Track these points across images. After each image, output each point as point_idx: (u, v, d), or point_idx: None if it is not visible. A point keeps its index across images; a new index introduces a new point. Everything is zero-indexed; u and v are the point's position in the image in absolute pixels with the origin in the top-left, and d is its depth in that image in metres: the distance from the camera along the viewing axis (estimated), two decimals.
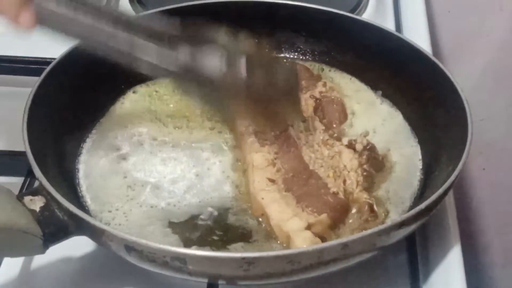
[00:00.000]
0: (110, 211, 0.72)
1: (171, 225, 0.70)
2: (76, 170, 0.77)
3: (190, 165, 0.77)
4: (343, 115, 0.83)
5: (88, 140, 0.81)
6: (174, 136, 0.81)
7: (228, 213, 0.71)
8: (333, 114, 0.82)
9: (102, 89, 0.84)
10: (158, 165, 0.77)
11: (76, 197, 0.73)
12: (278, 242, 0.68)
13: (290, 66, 0.85)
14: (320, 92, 0.84)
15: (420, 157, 0.78)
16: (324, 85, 0.85)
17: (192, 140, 0.81)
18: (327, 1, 0.92)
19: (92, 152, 0.79)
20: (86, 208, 0.72)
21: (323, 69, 0.92)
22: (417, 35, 1.03)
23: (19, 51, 0.95)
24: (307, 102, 0.83)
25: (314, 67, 0.92)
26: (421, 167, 0.77)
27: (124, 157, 0.78)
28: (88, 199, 0.73)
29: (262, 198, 0.70)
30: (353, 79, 0.90)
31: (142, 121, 0.83)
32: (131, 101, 0.87)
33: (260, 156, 0.75)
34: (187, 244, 0.68)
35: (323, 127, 0.79)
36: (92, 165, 0.78)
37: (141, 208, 0.72)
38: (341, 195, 0.69)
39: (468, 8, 1.28)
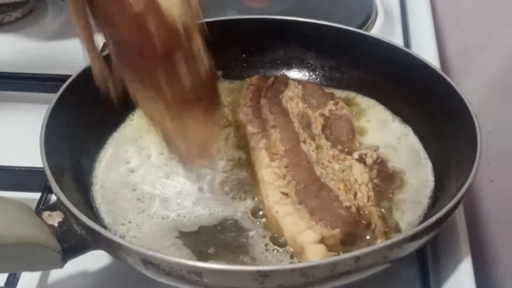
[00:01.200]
0: (123, 224, 0.73)
1: (183, 235, 0.71)
2: (91, 184, 0.78)
3: (192, 179, 0.78)
4: (351, 132, 0.83)
5: (101, 155, 0.82)
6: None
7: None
8: (341, 131, 0.83)
9: (115, 104, 0.85)
10: (164, 178, 0.79)
11: (91, 211, 0.74)
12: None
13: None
14: (330, 110, 0.85)
15: (430, 171, 0.79)
16: (336, 104, 0.87)
17: None
18: (336, 18, 0.94)
19: (105, 166, 0.81)
20: (102, 221, 0.73)
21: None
22: (425, 49, 1.04)
23: (36, 68, 0.97)
24: (316, 120, 0.84)
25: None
26: (431, 180, 0.78)
27: (132, 170, 0.80)
28: (102, 213, 0.74)
29: (276, 212, 0.71)
30: (364, 95, 0.91)
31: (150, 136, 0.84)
32: (141, 116, 0.87)
33: (270, 171, 0.76)
34: (201, 256, 0.68)
35: (330, 144, 0.80)
36: (105, 179, 0.79)
37: (152, 220, 0.74)
38: (353, 209, 0.70)
39: (475, 21, 1.30)
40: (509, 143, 1.36)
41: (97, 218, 0.73)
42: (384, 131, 0.85)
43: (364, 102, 0.90)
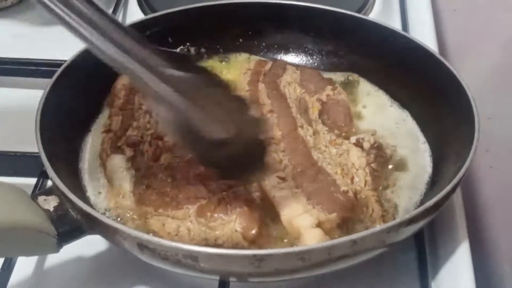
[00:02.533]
0: None
1: None
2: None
3: None
4: (348, 117, 0.83)
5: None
6: None
7: None
8: (338, 115, 0.83)
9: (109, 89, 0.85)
10: None
11: (85, 197, 0.74)
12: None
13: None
14: (327, 95, 0.85)
15: (428, 155, 0.79)
16: (333, 89, 0.86)
17: None
18: (334, 2, 0.93)
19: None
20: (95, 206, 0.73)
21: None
22: (423, 34, 1.04)
23: (30, 53, 0.96)
24: (313, 105, 0.84)
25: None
26: (429, 165, 0.78)
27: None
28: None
29: (273, 196, 0.71)
30: (362, 79, 0.90)
31: None
32: None
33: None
34: None
35: (327, 129, 0.80)
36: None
37: None
38: (351, 194, 0.70)
39: (474, 6, 1.29)
40: (509, 129, 1.36)
41: (90, 204, 0.73)
42: (382, 115, 0.85)
43: (362, 86, 0.90)
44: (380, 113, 0.85)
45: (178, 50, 0.93)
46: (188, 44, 0.93)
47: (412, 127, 0.83)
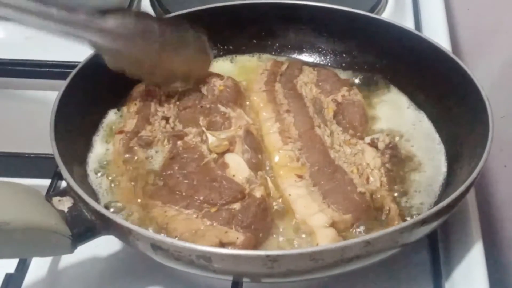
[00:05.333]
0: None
1: None
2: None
3: None
4: (364, 118, 0.83)
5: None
6: None
7: None
8: (353, 116, 0.82)
9: (121, 88, 0.86)
10: None
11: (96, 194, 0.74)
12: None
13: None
14: (343, 96, 0.85)
15: (443, 156, 0.79)
16: (349, 90, 0.86)
17: None
18: (347, 1, 0.93)
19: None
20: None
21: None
22: (436, 33, 1.04)
23: (44, 55, 0.97)
24: (328, 106, 0.83)
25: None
26: (444, 165, 0.77)
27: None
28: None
29: (289, 195, 0.71)
30: (380, 80, 0.90)
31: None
32: None
33: (283, 154, 0.76)
34: None
35: (341, 129, 0.80)
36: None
37: None
38: (367, 195, 0.70)
39: (487, 5, 1.28)
40: None
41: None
42: (399, 116, 0.84)
43: (379, 87, 0.89)
44: (397, 114, 0.85)
45: None
46: None
47: (428, 128, 0.83)
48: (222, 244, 0.64)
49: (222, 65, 0.93)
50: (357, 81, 0.91)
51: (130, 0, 1.11)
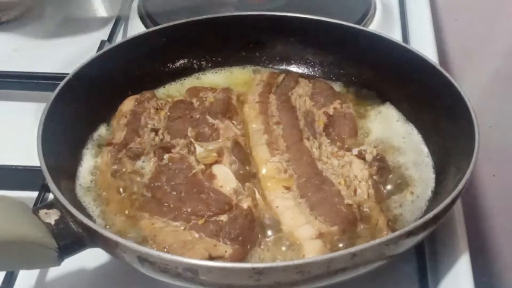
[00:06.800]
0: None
1: None
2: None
3: None
4: (353, 131, 0.83)
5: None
6: None
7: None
8: (343, 128, 0.83)
9: (111, 102, 0.86)
10: None
11: (83, 208, 0.74)
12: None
13: None
14: (335, 109, 0.85)
15: (432, 168, 0.79)
16: (341, 102, 0.86)
17: None
18: (334, 13, 0.93)
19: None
20: (94, 220, 0.73)
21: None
22: (424, 44, 1.04)
23: (32, 66, 0.97)
24: (319, 118, 0.84)
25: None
26: (433, 177, 0.78)
27: None
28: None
29: (277, 206, 0.71)
30: (369, 92, 0.90)
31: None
32: None
33: (271, 165, 0.77)
34: None
35: (329, 141, 0.80)
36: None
37: None
38: (355, 207, 0.70)
39: (475, 16, 1.29)
40: (511, 137, 1.36)
41: (91, 218, 0.73)
42: (389, 130, 0.85)
43: (366, 98, 0.90)
44: (387, 127, 0.85)
45: (179, 63, 0.94)
46: (189, 57, 0.94)
47: (417, 141, 0.83)
48: (211, 258, 0.64)
49: (210, 77, 0.93)
50: (348, 93, 0.91)
51: (118, 13, 1.11)
